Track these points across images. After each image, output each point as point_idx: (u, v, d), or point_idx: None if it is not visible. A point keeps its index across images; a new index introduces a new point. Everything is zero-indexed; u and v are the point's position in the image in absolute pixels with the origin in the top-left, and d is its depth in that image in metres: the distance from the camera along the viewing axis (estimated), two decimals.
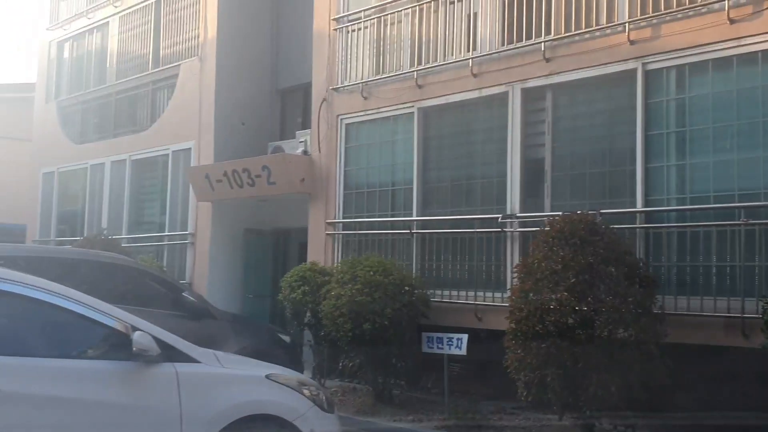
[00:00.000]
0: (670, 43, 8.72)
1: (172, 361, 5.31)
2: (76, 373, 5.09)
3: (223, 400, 5.40)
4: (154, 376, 5.23)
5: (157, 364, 5.24)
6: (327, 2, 12.77)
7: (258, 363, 6.36)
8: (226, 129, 14.78)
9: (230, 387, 5.51)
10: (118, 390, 5.14)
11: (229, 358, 6.00)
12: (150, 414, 5.19)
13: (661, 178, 8.77)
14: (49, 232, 18.75)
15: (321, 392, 6.08)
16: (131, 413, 5.13)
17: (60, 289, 5.31)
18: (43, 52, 20.05)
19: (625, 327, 7.47)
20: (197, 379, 5.39)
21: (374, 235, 11.69)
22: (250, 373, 5.85)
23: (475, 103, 10.65)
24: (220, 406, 5.37)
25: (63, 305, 5.20)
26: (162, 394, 5.23)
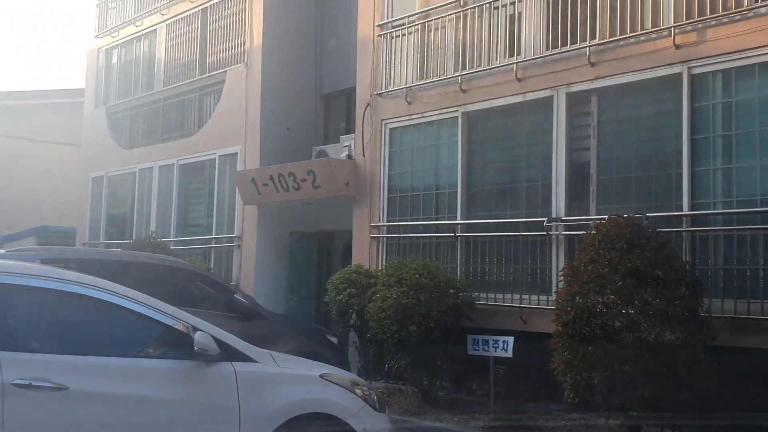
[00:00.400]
0: (715, 47, 8.74)
1: (230, 360, 5.42)
2: (139, 371, 5.24)
3: (280, 399, 5.50)
4: (213, 374, 5.35)
5: (216, 363, 5.36)
6: (371, 9, 12.94)
7: (311, 363, 6.47)
8: (271, 134, 15.01)
9: (286, 386, 5.61)
10: (180, 388, 5.27)
11: (284, 357, 6.10)
12: (210, 411, 5.31)
13: (708, 181, 8.79)
14: (98, 235, 19.13)
15: (372, 392, 6.17)
16: (192, 411, 5.25)
17: (124, 290, 5.48)
18: (91, 59, 20.46)
19: (672, 330, 7.51)
20: (255, 378, 5.48)
21: (418, 238, 11.82)
22: (304, 372, 5.96)
23: (520, 107, 10.73)
24: (276, 404, 5.47)
25: (127, 306, 5.38)
26: (221, 392, 5.34)
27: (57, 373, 4.90)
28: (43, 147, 25.17)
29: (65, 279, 5.35)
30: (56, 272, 5.50)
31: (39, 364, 4.92)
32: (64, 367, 4.97)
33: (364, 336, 11.11)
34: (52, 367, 4.92)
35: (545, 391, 9.58)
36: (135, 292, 5.53)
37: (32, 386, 4.80)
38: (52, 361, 4.97)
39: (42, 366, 4.91)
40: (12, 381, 4.75)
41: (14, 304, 5.14)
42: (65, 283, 5.30)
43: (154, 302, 5.53)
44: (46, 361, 4.96)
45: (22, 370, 4.82)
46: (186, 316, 5.53)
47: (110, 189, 19.04)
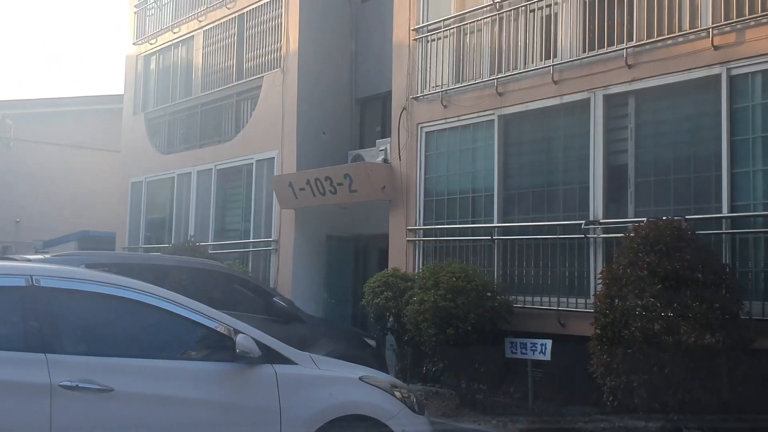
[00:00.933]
0: (755, 48, 8.68)
1: (271, 363, 5.49)
2: (182, 373, 5.33)
3: (320, 401, 5.55)
4: (255, 376, 5.42)
5: (258, 366, 5.42)
6: (407, 13, 13.00)
7: (349, 365, 6.51)
8: (307, 138, 15.13)
9: (326, 388, 5.66)
10: (222, 390, 5.33)
11: (324, 360, 6.14)
12: (252, 413, 5.36)
13: (747, 183, 8.73)
14: (138, 239, 19.39)
15: (411, 394, 6.18)
16: (234, 412, 5.32)
17: (167, 294, 5.57)
18: (130, 66, 20.76)
19: (712, 333, 7.46)
20: (295, 380, 5.54)
21: (455, 241, 11.85)
22: (344, 374, 6.01)
23: (556, 109, 10.72)
24: (316, 406, 5.53)
25: (170, 309, 5.46)
26: (263, 394, 5.41)
27: (102, 374, 5.00)
28: (83, 153, 25.61)
29: (110, 283, 5.46)
30: (101, 276, 5.60)
31: (85, 366, 5.01)
32: (109, 368, 5.07)
33: (402, 339, 11.16)
34: (98, 369, 5.02)
35: (583, 394, 9.56)
36: (178, 295, 5.62)
37: (79, 388, 4.90)
38: (97, 364, 5.07)
39: (88, 368, 5.00)
40: (59, 383, 4.85)
41: (61, 307, 5.21)
42: (110, 287, 5.40)
43: (196, 305, 5.60)
44: (92, 363, 5.05)
45: (69, 372, 4.91)
46: (228, 319, 5.61)
47: (149, 194, 19.30)
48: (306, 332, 9.07)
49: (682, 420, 7.67)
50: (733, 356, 7.50)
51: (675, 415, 7.60)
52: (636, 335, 7.58)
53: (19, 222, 25.38)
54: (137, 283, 5.60)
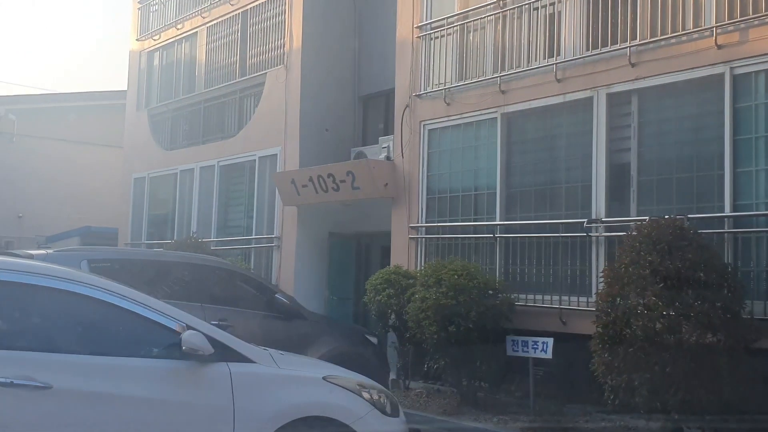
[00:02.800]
0: (758, 47, 8.67)
1: (226, 361, 5.27)
2: (129, 371, 5.08)
3: (278, 401, 5.33)
4: (207, 375, 5.21)
5: (211, 364, 5.21)
6: (410, 11, 13.00)
7: (317, 363, 6.33)
8: (310, 135, 15.14)
9: (285, 388, 5.44)
10: (171, 388, 5.12)
11: (286, 358, 5.90)
12: (202, 413, 5.15)
13: (750, 182, 8.72)
14: (140, 235, 19.41)
15: (384, 395, 5.92)
16: (183, 412, 5.11)
17: (115, 287, 5.36)
18: (133, 62, 20.78)
19: (714, 332, 7.46)
20: (251, 379, 5.33)
21: (457, 239, 11.85)
22: (306, 374, 5.79)
23: (559, 108, 10.72)
24: (274, 406, 5.31)
25: (118, 303, 5.25)
26: (215, 393, 5.19)
27: (41, 371, 4.78)
28: (86, 149, 25.60)
29: (50, 275, 5.21)
30: (41, 268, 5.37)
31: (22, 362, 4.79)
32: (49, 365, 4.85)
33: (403, 336, 11.17)
34: (37, 366, 4.80)
35: (585, 393, 9.56)
36: (128, 289, 5.43)
37: (14, 384, 4.69)
38: (36, 360, 4.85)
39: (26, 364, 4.79)
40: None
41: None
42: (51, 279, 5.15)
43: (148, 300, 5.41)
44: (30, 359, 4.84)
45: (3, 368, 4.70)
46: (180, 314, 5.38)
47: (152, 190, 19.32)
48: (308, 329, 9.09)
49: (683, 419, 7.68)
50: (735, 356, 7.50)
51: (676, 415, 7.61)
52: (637, 334, 7.58)
53: (21, 217, 25.39)
54: (81, 275, 5.44)
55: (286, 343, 8.81)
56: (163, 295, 8.71)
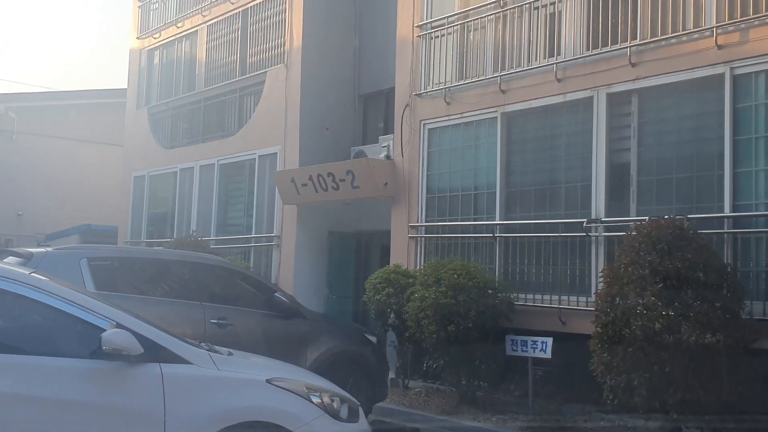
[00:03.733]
0: (758, 47, 8.67)
1: (158, 361, 4.99)
2: (52, 371, 4.80)
3: (214, 405, 5.04)
4: (136, 376, 4.92)
5: (141, 364, 4.93)
6: (410, 10, 12.99)
7: (265, 365, 6.00)
8: (310, 134, 15.14)
9: (223, 391, 5.13)
10: (91, 390, 4.83)
11: (227, 359, 5.55)
12: (128, 417, 4.87)
13: (750, 183, 8.72)
14: (140, 233, 19.40)
15: (338, 400, 5.60)
16: (105, 415, 4.83)
17: (36, 281, 5.09)
18: (133, 60, 20.77)
19: (713, 332, 7.46)
20: (185, 382, 5.05)
21: (457, 238, 11.85)
22: (247, 376, 5.44)
23: (559, 107, 10.72)
24: (209, 410, 5.01)
25: (39, 299, 4.99)
26: (144, 395, 4.91)
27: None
28: (86, 147, 25.61)
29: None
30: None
31: None
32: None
33: (403, 335, 11.17)
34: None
35: (584, 393, 9.57)
36: (55, 284, 5.17)
37: None
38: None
39: None
40: None
41: None
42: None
43: (78, 297, 5.14)
44: None
45: None
46: (110, 311, 5.12)
47: (152, 188, 19.31)
48: (307, 328, 9.06)
49: (682, 419, 7.68)
50: (734, 356, 7.50)
51: (675, 415, 7.61)
52: (637, 334, 7.59)
53: (21, 215, 25.40)
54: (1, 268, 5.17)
55: (285, 342, 8.86)
56: (162, 293, 8.75)
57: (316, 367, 8.87)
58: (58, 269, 8.03)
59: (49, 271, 7.89)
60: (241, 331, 8.61)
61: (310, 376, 6.01)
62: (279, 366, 6.19)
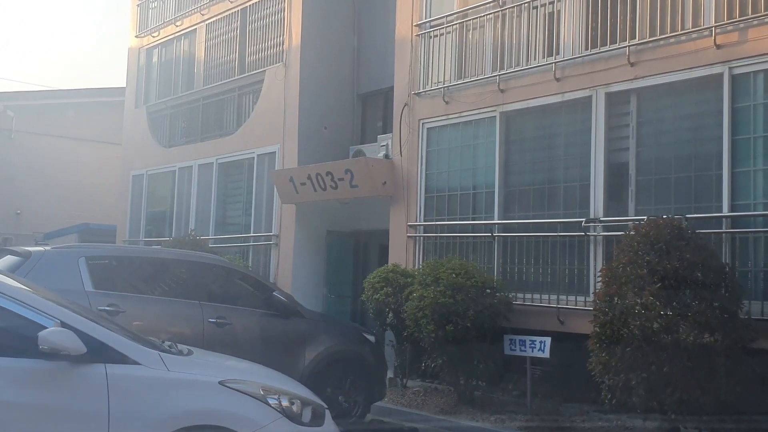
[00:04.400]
0: (757, 47, 8.67)
1: (104, 362, 4.81)
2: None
3: (161, 408, 4.85)
4: (79, 377, 4.74)
5: (85, 365, 4.75)
6: (409, 9, 12.99)
7: (221, 366, 5.80)
8: (309, 133, 15.13)
9: (171, 393, 4.94)
10: (36, 391, 4.67)
11: (179, 360, 5.31)
12: (72, 418, 4.70)
13: (748, 182, 8.72)
14: (138, 232, 19.39)
15: (299, 402, 5.36)
16: (49, 416, 4.67)
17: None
18: (132, 59, 20.75)
19: (711, 332, 7.46)
20: (132, 383, 4.87)
21: (455, 237, 11.85)
22: (198, 378, 5.18)
23: (558, 107, 10.71)
24: (156, 413, 4.83)
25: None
26: (88, 397, 4.74)
27: None
28: (84, 145, 25.61)
29: None
30: None
31: None
32: None
33: (401, 335, 11.17)
34: None
35: (582, 392, 9.58)
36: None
37: None
38: None
39: None
40: None
41: None
42: None
43: (21, 293, 4.99)
44: None
45: None
46: (59, 310, 4.97)
47: (150, 187, 19.30)
48: (305, 327, 9.06)
49: (679, 419, 7.68)
50: (732, 356, 7.51)
51: (673, 414, 7.61)
52: (635, 334, 7.58)
53: (19, 214, 25.40)
54: None
55: (283, 341, 8.86)
56: (160, 292, 8.75)
57: (314, 366, 8.90)
58: (57, 268, 8.07)
59: (47, 269, 7.96)
60: (240, 330, 8.62)
61: (275, 378, 5.79)
62: (242, 367, 5.95)
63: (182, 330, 8.34)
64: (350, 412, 9.17)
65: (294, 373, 8.64)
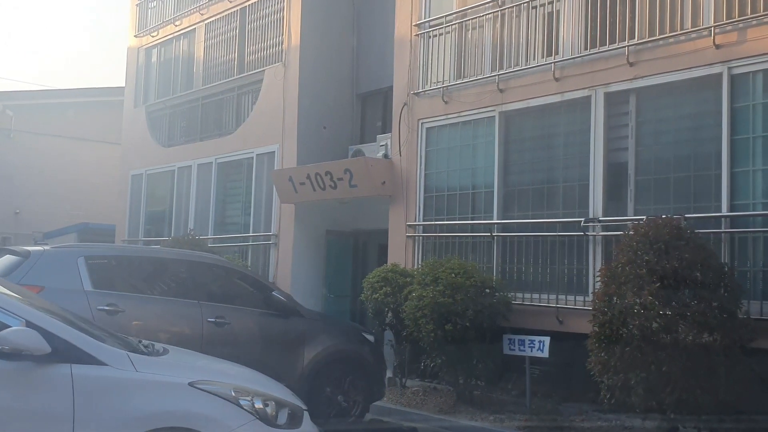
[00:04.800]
0: (756, 47, 8.67)
1: (70, 362, 4.73)
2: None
3: (128, 409, 4.76)
4: (43, 377, 4.67)
5: (49, 365, 4.68)
6: (408, 9, 12.99)
7: (193, 367, 5.60)
8: (308, 133, 15.12)
9: (138, 394, 4.84)
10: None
11: (150, 361, 5.21)
12: (35, 419, 4.63)
13: (747, 182, 8.73)
14: (138, 232, 19.38)
15: (273, 404, 5.24)
16: (12, 417, 4.59)
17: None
18: (131, 58, 20.74)
19: (710, 331, 7.47)
20: (99, 384, 4.78)
21: (454, 237, 11.85)
22: (167, 379, 5.06)
23: (557, 107, 10.72)
24: (123, 415, 4.74)
25: None
26: (52, 398, 4.67)
27: None
28: (83, 145, 25.62)
29: None
30: None
31: None
32: None
33: (400, 334, 11.17)
34: None
35: (581, 392, 9.58)
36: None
37: None
38: None
39: None
40: None
41: None
42: None
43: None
44: None
45: None
46: (23, 309, 4.91)
47: (149, 187, 19.29)
48: (304, 327, 9.06)
49: (679, 419, 7.69)
50: (731, 355, 7.51)
51: (672, 414, 7.62)
52: (634, 333, 7.59)
53: (18, 213, 25.40)
54: None
55: (282, 341, 8.86)
56: (160, 291, 8.75)
57: (313, 365, 8.89)
58: (56, 268, 8.06)
59: (46, 269, 7.96)
60: (239, 329, 8.62)
61: (252, 379, 5.66)
62: (218, 367, 5.81)
63: (181, 329, 8.36)
64: (349, 412, 9.17)
65: (293, 373, 8.70)
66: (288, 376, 8.68)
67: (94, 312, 7.77)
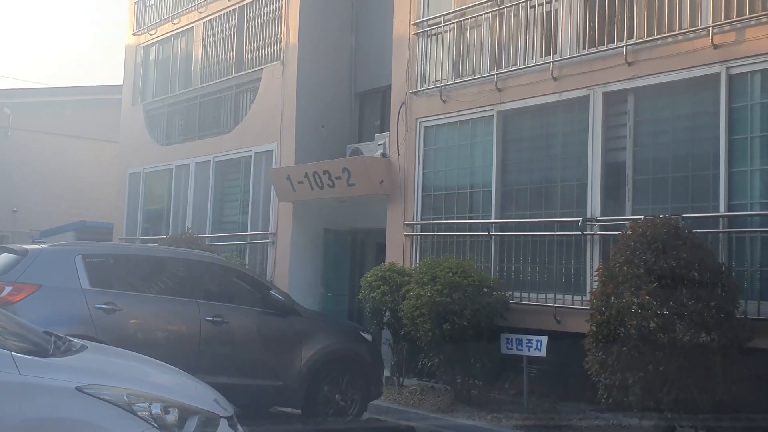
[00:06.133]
0: (754, 47, 8.68)
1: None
2: None
3: (4, 416, 4.32)
4: None
5: None
6: (407, 7, 12.98)
7: (88, 369, 4.95)
8: (306, 131, 15.12)
9: (17, 399, 4.38)
10: None
11: (39, 363, 4.68)
12: None
13: (745, 182, 8.73)
14: (135, 230, 19.36)
15: (176, 411, 4.74)
16: None
17: None
18: (129, 57, 20.72)
19: (707, 331, 7.48)
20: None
21: (452, 236, 11.85)
22: (53, 383, 4.53)
23: (555, 106, 10.72)
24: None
25: None
26: None
27: None
28: (81, 143, 25.59)
29: None
30: None
31: None
32: None
33: (398, 334, 11.18)
34: None
35: (578, 391, 9.58)
36: None
37: None
38: None
39: None
40: None
41: None
42: None
43: None
44: None
45: None
46: None
47: (147, 185, 19.28)
48: (302, 326, 9.05)
49: (676, 418, 7.70)
50: (728, 355, 7.53)
51: (669, 414, 7.63)
52: (631, 333, 7.59)
53: (16, 212, 25.37)
54: None
55: (280, 340, 8.86)
56: (157, 290, 8.74)
57: (311, 364, 8.89)
58: (53, 266, 8.05)
59: (43, 267, 7.95)
60: (236, 328, 8.62)
61: (163, 382, 5.24)
62: (97, 368, 5.16)
63: (179, 328, 8.36)
64: (347, 411, 9.17)
65: (291, 372, 8.72)
66: (286, 375, 8.71)
67: (91, 310, 7.78)
